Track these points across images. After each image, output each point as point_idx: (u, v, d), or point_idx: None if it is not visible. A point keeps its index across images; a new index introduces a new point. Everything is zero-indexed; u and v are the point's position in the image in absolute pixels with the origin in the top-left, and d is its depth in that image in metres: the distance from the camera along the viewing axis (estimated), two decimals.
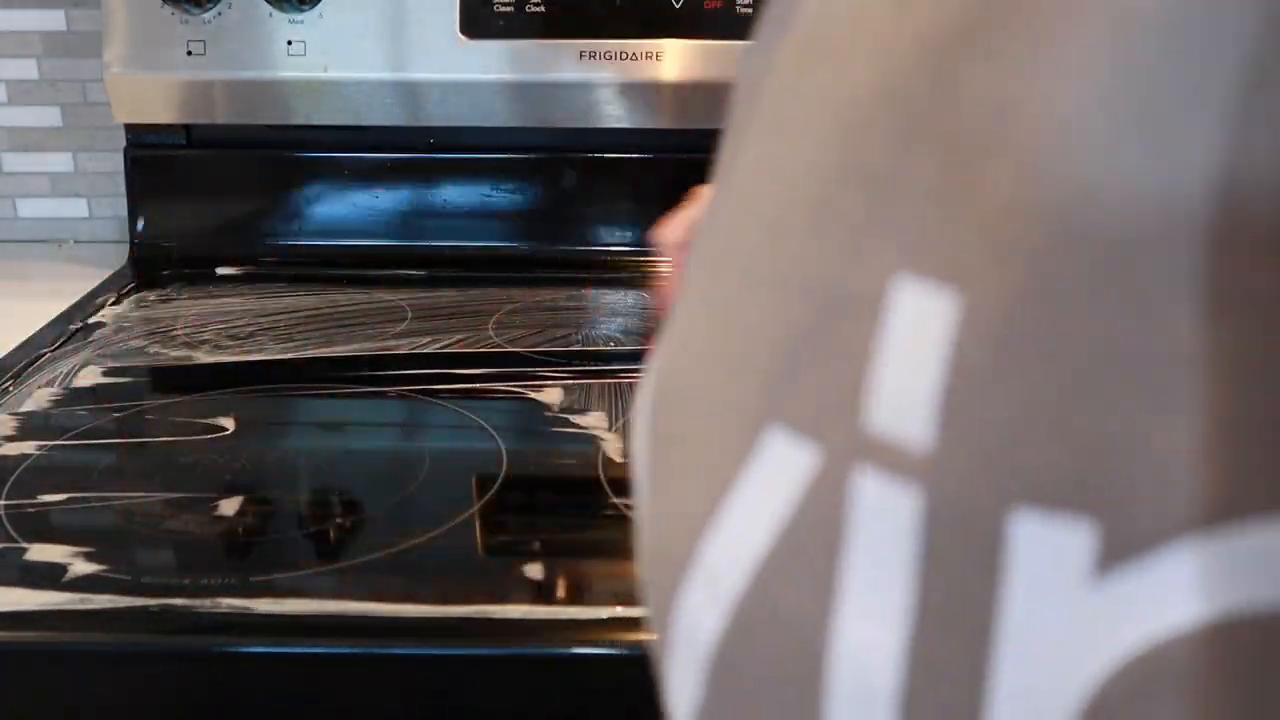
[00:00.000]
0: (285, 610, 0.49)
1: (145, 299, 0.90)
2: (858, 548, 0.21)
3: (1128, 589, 0.19)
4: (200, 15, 0.92)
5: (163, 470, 0.63)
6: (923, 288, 0.21)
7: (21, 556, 0.53)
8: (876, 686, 0.21)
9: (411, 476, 0.63)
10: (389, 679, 0.49)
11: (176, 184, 0.99)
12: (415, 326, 0.84)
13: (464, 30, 0.92)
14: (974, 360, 0.20)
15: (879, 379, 0.21)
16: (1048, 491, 0.19)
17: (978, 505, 0.20)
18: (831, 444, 0.22)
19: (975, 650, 0.20)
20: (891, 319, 0.21)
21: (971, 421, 0.20)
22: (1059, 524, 0.19)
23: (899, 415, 0.21)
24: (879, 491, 0.21)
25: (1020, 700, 0.20)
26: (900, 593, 0.21)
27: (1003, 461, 0.20)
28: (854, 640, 0.21)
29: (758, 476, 0.23)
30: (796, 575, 0.22)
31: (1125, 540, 0.19)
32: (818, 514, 0.22)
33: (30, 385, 0.73)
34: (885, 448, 0.21)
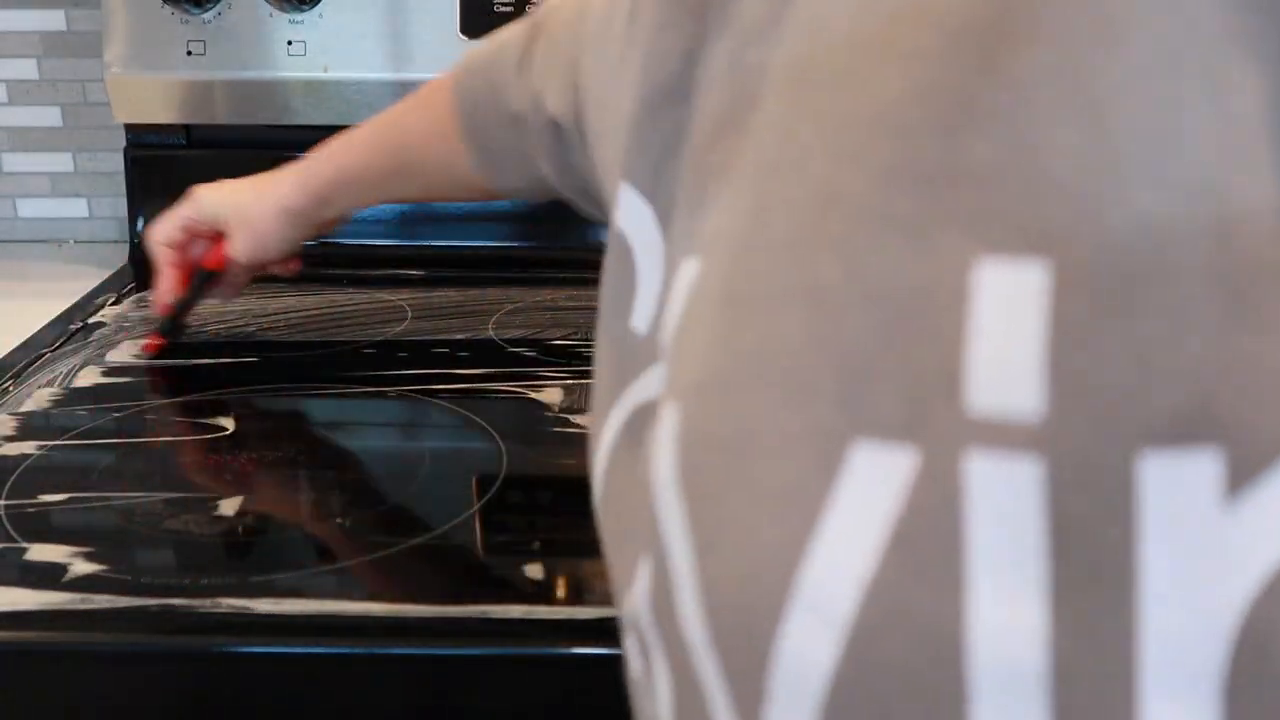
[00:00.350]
0: (285, 610, 0.49)
1: (145, 299, 0.90)
2: (981, 532, 0.21)
3: (1260, 505, 0.19)
4: (200, 15, 0.92)
5: (163, 470, 0.63)
6: (1005, 264, 0.21)
7: (21, 556, 0.53)
8: (1024, 669, 0.21)
9: (411, 476, 0.63)
10: (389, 679, 0.49)
11: (176, 184, 0.99)
12: (415, 326, 0.84)
13: (464, 30, 0.92)
14: (1074, 318, 0.20)
15: (975, 361, 0.21)
16: (1169, 428, 0.20)
17: (1102, 458, 0.20)
18: (929, 439, 0.22)
19: (1121, 602, 0.20)
20: (978, 301, 0.21)
21: (1082, 377, 0.20)
22: (1184, 457, 0.20)
23: (1003, 391, 0.21)
24: (993, 471, 0.21)
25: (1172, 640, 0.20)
26: (1035, 566, 0.21)
27: (1120, 409, 0.20)
28: (993, 627, 0.21)
29: (849, 494, 0.22)
30: (918, 577, 0.22)
31: (1250, 459, 0.19)
32: (928, 511, 0.22)
33: (30, 385, 0.73)
34: (992, 426, 0.21)
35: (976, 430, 0.21)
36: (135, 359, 0.78)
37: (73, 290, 0.92)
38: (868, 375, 0.23)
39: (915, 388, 0.22)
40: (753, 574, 0.24)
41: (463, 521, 0.57)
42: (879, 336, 0.23)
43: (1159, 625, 0.20)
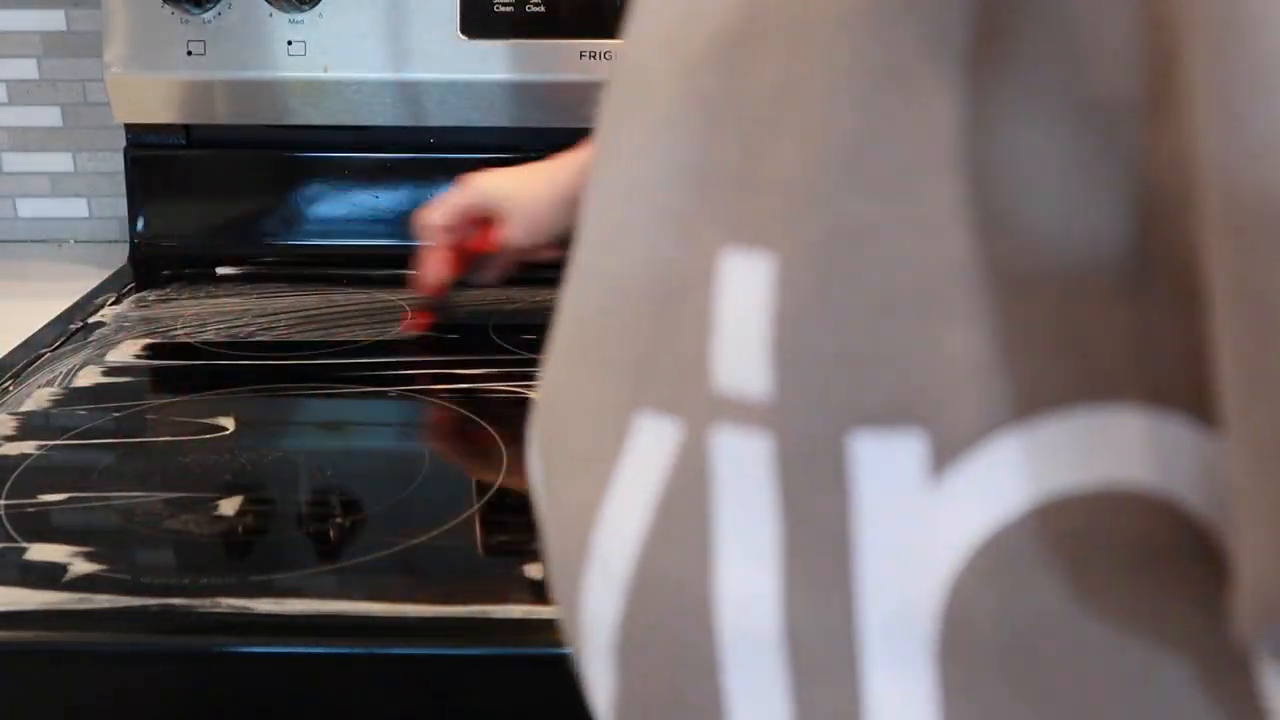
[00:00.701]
0: (285, 610, 0.49)
1: (145, 299, 0.90)
2: (724, 501, 0.23)
3: (959, 487, 0.21)
4: (200, 15, 0.92)
5: (163, 470, 0.63)
6: (742, 256, 0.23)
7: (21, 556, 0.53)
8: (761, 628, 0.22)
9: (411, 476, 0.63)
10: (389, 679, 0.49)
11: (176, 184, 0.99)
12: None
13: (464, 30, 0.92)
14: (792, 308, 0.22)
15: (719, 344, 0.23)
16: (876, 411, 0.21)
17: (819, 436, 0.22)
18: (689, 413, 0.24)
19: (841, 570, 0.22)
20: (722, 289, 0.23)
21: (800, 362, 0.22)
22: (891, 439, 0.21)
23: (739, 371, 0.23)
24: (734, 445, 0.23)
25: (888, 608, 0.22)
26: (768, 534, 0.22)
27: (833, 392, 0.22)
28: (734, 589, 0.23)
29: (632, 461, 0.25)
30: (675, 541, 0.24)
31: (949, 443, 0.21)
32: (686, 480, 0.23)
33: (30, 385, 0.73)
34: (733, 404, 0.23)
35: (721, 407, 0.23)
36: (135, 359, 0.78)
37: (73, 290, 0.92)
38: (649, 352, 0.25)
39: (679, 366, 0.24)
40: (566, 530, 0.26)
41: (463, 521, 0.57)
42: (658, 318, 0.25)
43: (876, 595, 0.22)
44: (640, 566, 0.24)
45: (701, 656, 0.23)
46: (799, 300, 0.22)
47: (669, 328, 0.24)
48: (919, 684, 0.21)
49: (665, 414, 0.24)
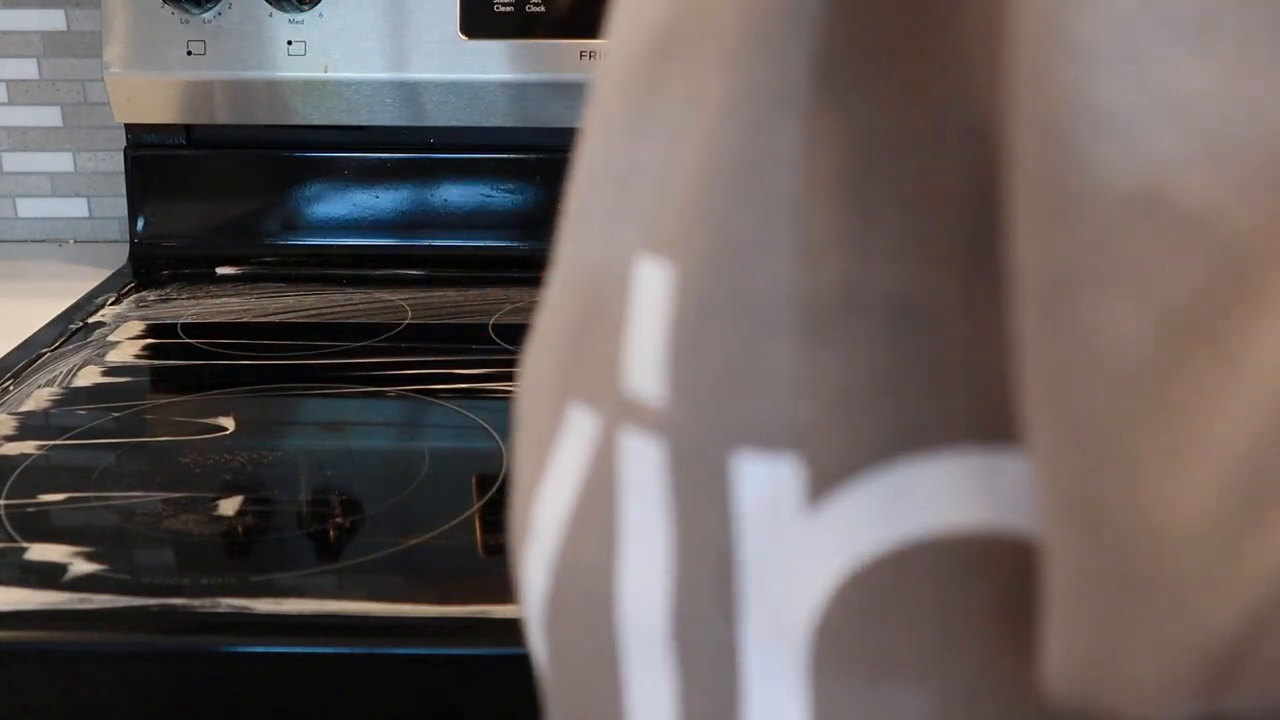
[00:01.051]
0: (285, 610, 0.49)
1: (145, 299, 0.90)
2: (627, 498, 0.23)
3: (834, 516, 0.21)
4: (200, 15, 0.92)
5: (163, 470, 0.63)
6: (652, 262, 0.23)
7: (21, 556, 0.53)
8: (653, 625, 0.23)
9: (411, 476, 0.63)
10: (389, 679, 0.49)
11: (176, 184, 0.99)
12: (415, 327, 0.84)
13: (464, 30, 0.92)
14: (686, 319, 0.23)
15: (630, 346, 0.24)
16: (757, 431, 0.22)
17: (706, 450, 0.22)
18: (605, 409, 0.24)
19: (724, 582, 0.22)
20: (635, 292, 0.24)
21: (690, 373, 0.22)
22: (770, 461, 0.21)
23: (643, 376, 0.23)
24: (636, 447, 0.23)
25: (765, 624, 0.22)
26: (661, 537, 0.23)
27: (720, 408, 0.22)
28: (632, 583, 0.23)
29: (564, 445, 0.25)
30: (589, 529, 0.24)
31: (826, 471, 0.21)
32: (600, 473, 0.24)
33: (30, 385, 0.73)
34: (637, 407, 0.23)
35: (626, 408, 0.24)
36: (135, 359, 0.78)
37: (73, 290, 0.92)
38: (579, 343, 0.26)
39: (600, 362, 0.25)
40: (519, 503, 0.27)
41: (463, 521, 0.57)
42: (587, 310, 0.26)
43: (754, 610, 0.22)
44: (562, 546, 0.25)
45: (606, 642, 0.24)
46: (692, 312, 0.22)
47: (595, 323, 0.25)
48: (792, 703, 0.22)
49: (588, 406, 0.25)
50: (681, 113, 0.23)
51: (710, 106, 0.23)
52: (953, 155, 0.21)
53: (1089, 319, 0.16)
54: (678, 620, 0.23)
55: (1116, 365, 0.16)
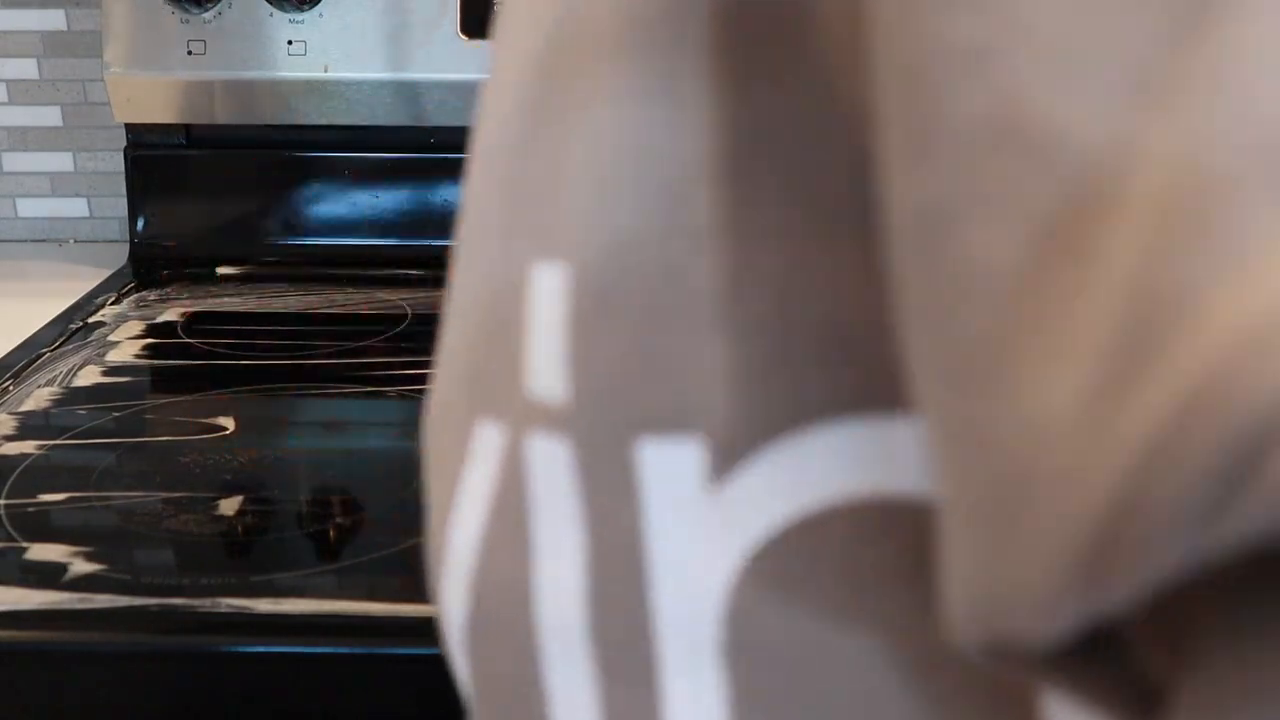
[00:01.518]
0: (285, 610, 0.49)
1: (145, 299, 0.90)
2: (538, 502, 0.24)
3: (735, 495, 0.21)
4: (200, 15, 0.92)
5: (163, 470, 0.63)
6: (546, 267, 0.24)
7: (21, 556, 0.53)
8: (570, 622, 0.23)
9: (411, 476, 0.63)
10: (389, 679, 0.49)
11: (176, 184, 0.99)
12: (415, 326, 0.84)
13: (464, 30, 0.92)
14: (581, 316, 0.23)
15: (529, 352, 0.24)
16: (657, 418, 0.22)
17: (609, 442, 0.23)
18: (509, 419, 0.24)
19: (634, 573, 0.22)
20: (531, 299, 0.24)
21: (588, 368, 0.23)
22: (671, 445, 0.22)
23: (544, 378, 0.24)
24: (542, 448, 0.24)
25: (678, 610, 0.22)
26: (573, 533, 0.23)
27: (618, 398, 0.22)
28: (549, 584, 0.23)
29: (473, 465, 0.25)
30: (502, 540, 0.24)
31: (726, 451, 0.21)
32: (509, 482, 0.24)
33: (30, 385, 0.73)
34: (541, 409, 0.24)
35: (530, 412, 0.24)
36: (135, 359, 0.78)
37: (73, 290, 0.92)
38: (481, 360, 0.26)
39: (501, 374, 0.25)
40: (433, 530, 0.27)
41: None
42: (486, 326, 0.26)
43: (666, 598, 0.22)
44: (479, 565, 0.25)
45: (527, 652, 0.24)
46: (586, 307, 0.23)
47: (495, 338, 0.25)
48: (710, 686, 0.22)
49: (493, 420, 0.25)
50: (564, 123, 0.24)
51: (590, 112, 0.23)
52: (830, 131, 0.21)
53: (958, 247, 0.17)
54: (594, 616, 0.23)
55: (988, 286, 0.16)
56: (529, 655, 0.24)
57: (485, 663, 0.26)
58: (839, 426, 0.21)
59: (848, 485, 0.21)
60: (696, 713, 0.22)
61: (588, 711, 0.23)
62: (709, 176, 0.22)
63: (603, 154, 0.23)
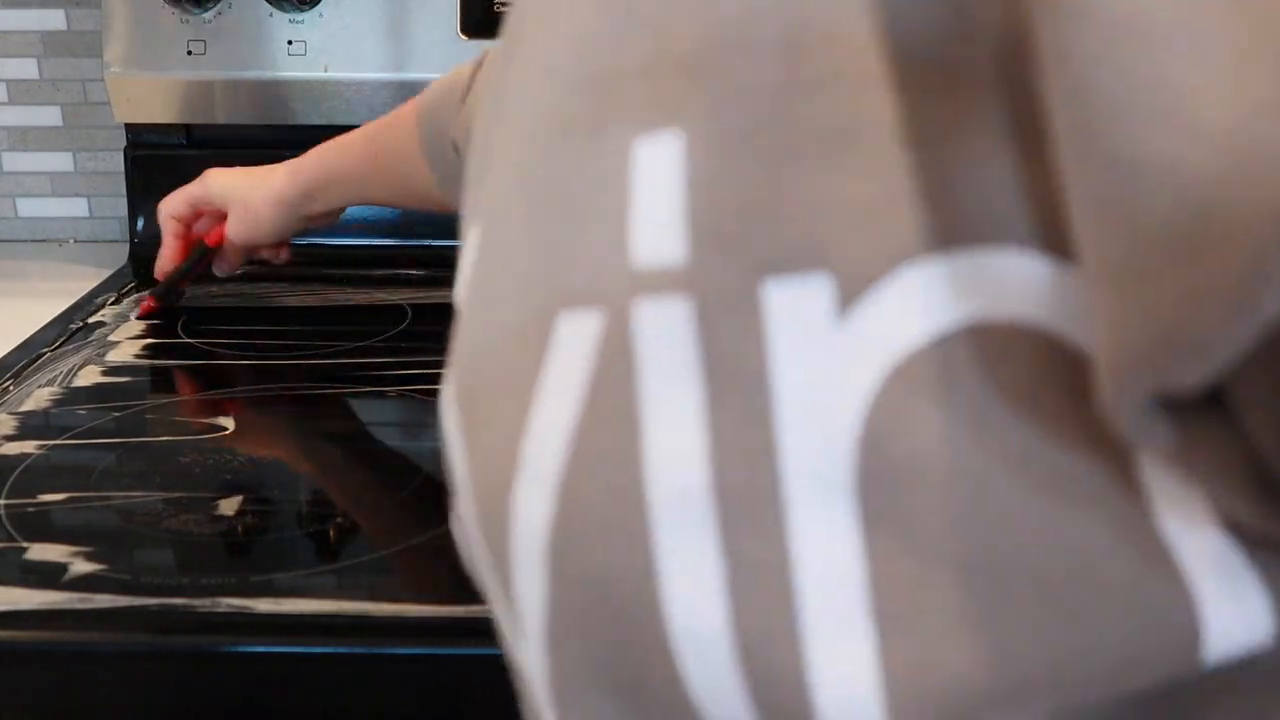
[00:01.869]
0: (285, 610, 0.49)
1: (144, 297, 0.90)
2: (649, 371, 0.24)
3: (864, 322, 0.22)
4: (200, 15, 0.92)
5: (163, 470, 0.63)
6: (652, 139, 0.24)
7: (21, 556, 0.53)
8: (691, 489, 0.23)
9: (411, 476, 0.63)
10: (389, 679, 0.49)
11: (176, 184, 0.99)
12: (415, 326, 0.84)
13: (464, 30, 0.92)
14: (702, 173, 0.23)
15: (637, 223, 0.24)
16: (782, 258, 0.23)
17: (733, 290, 0.23)
18: (609, 298, 0.24)
19: (762, 414, 0.22)
20: (636, 174, 0.24)
21: (710, 221, 0.23)
22: (798, 282, 0.22)
23: (657, 244, 0.24)
24: (655, 313, 0.24)
25: (808, 445, 0.22)
26: (692, 392, 0.23)
27: (742, 245, 0.23)
28: (664, 454, 0.23)
29: (554, 363, 0.25)
30: (604, 422, 0.24)
31: (852, 282, 0.22)
32: (611, 361, 0.24)
33: (30, 385, 0.73)
34: (652, 276, 0.24)
35: (640, 282, 0.24)
36: (135, 359, 0.78)
37: (73, 290, 0.92)
38: (565, 259, 0.26)
39: (594, 258, 0.25)
40: (490, 461, 0.27)
41: None
42: (569, 224, 0.26)
43: (796, 434, 0.22)
44: (571, 457, 0.25)
45: (636, 530, 0.23)
46: (707, 164, 0.23)
47: (581, 229, 0.25)
48: (842, 520, 0.22)
49: (583, 306, 0.25)
50: None
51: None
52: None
53: None
54: (716, 467, 0.23)
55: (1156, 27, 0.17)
56: (637, 533, 0.23)
57: (580, 560, 0.25)
58: (965, 254, 0.22)
59: (977, 309, 0.22)
60: (833, 551, 0.22)
61: (710, 574, 0.23)
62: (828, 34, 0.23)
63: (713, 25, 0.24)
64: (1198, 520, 0.21)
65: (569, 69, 0.27)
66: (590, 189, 0.25)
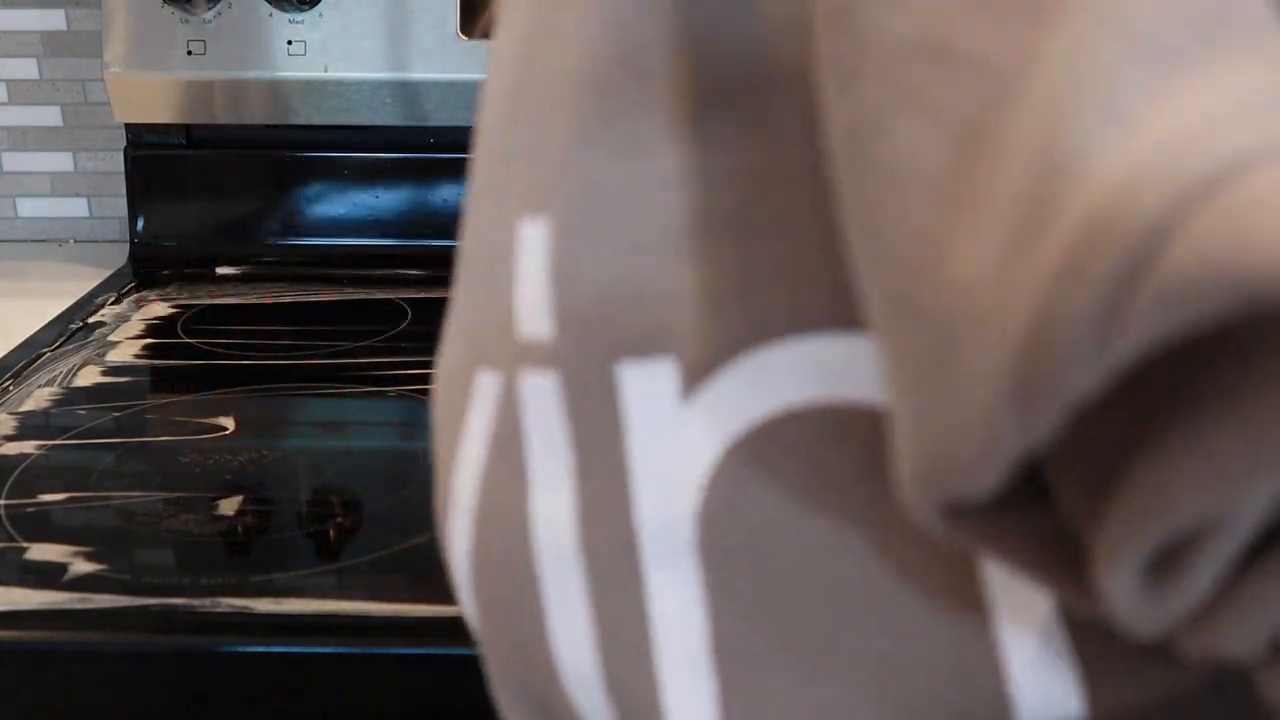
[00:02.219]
0: (285, 610, 0.49)
1: (145, 299, 0.91)
2: (530, 434, 0.26)
3: (704, 406, 0.24)
4: (200, 15, 0.92)
5: (163, 470, 0.63)
6: (530, 222, 0.27)
7: (21, 556, 0.53)
8: (563, 543, 0.25)
9: (411, 476, 0.63)
10: (389, 679, 0.49)
11: (176, 184, 0.99)
12: (415, 326, 0.84)
13: (464, 30, 0.92)
14: (563, 259, 0.26)
15: (519, 298, 0.27)
16: (634, 342, 0.25)
17: (592, 367, 0.25)
18: (504, 365, 0.27)
19: (619, 486, 0.25)
20: (518, 251, 0.27)
21: (572, 304, 0.26)
22: (648, 365, 0.25)
23: (533, 320, 0.26)
24: (533, 383, 0.26)
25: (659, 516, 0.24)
26: (563, 459, 0.26)
27: (600, 327, 0.25)
28: (542, 510, 0.26)
29: (474, 411, 0.28)
30: (502, 474, 0.27)
31: (695, 368, 0.24)
32: (505, 420, 0.27)
33: (30, 385, 0.73)
34: (530, 349, 0.26)
35: (523, 353, 0.26)
36: (135, 359, 0.78)
37: (73, 290, 0.92)
38: (480, 318, 0.28)
39: (497, 324, 0.27)
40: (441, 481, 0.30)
41: None
42: (484, 286, 0.28)
43: (648, 506, 0.24)
44: (481, 500, 0.27)
45: (526, 574, 0.26)
46: (568, 252, 0.26)
47: (491, 293, 0.28)
48: (689, 587, 0.24)
49: (490, 367, 0.28)
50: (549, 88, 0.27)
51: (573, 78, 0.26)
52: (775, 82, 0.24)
53: (889, 148, 0.20)
54: (584, 532, 0.25)
55: (918, 176, 0.19)
56: (527, 577, 0.26)
57: (488, 590, 0.28)
58: (801, 342, 0.24)
59: (810, 391, 0.23)
60: (679, 609, 0.24)
61: (582, 621, 0.25)
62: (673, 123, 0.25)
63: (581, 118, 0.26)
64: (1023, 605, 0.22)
65: (487, 130, 0.30)
66: (494, 255, 0.28)
